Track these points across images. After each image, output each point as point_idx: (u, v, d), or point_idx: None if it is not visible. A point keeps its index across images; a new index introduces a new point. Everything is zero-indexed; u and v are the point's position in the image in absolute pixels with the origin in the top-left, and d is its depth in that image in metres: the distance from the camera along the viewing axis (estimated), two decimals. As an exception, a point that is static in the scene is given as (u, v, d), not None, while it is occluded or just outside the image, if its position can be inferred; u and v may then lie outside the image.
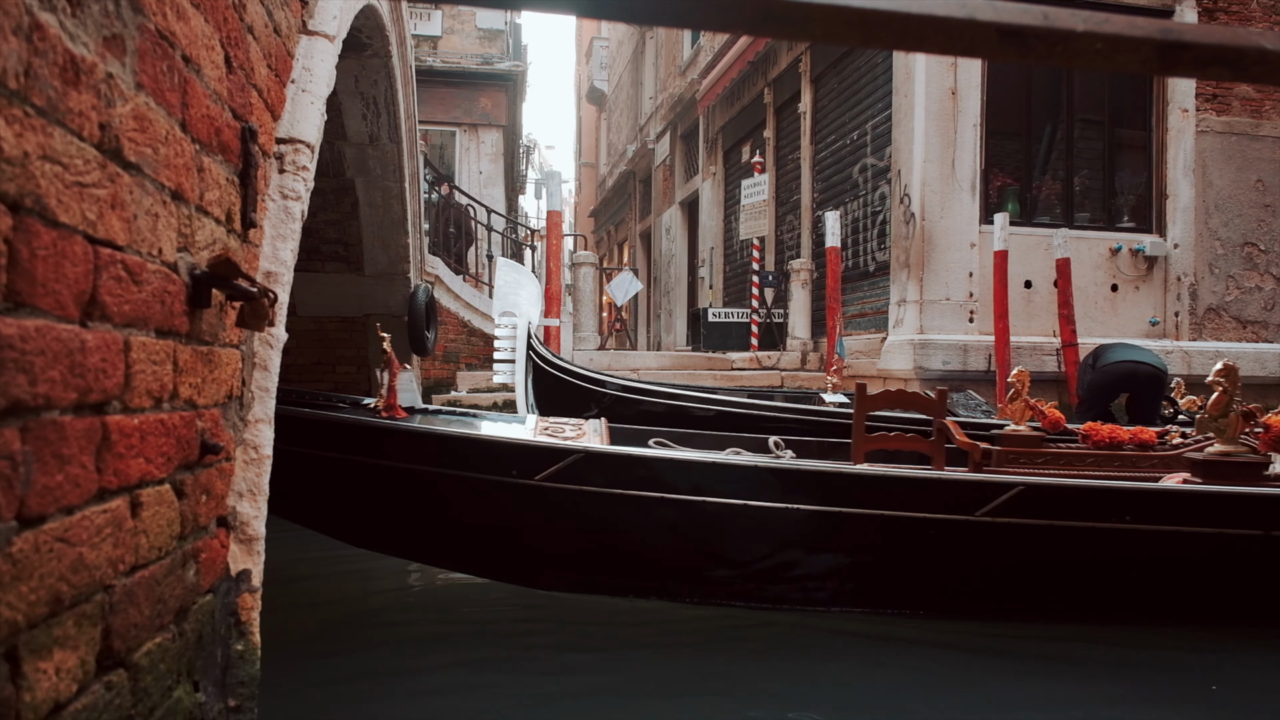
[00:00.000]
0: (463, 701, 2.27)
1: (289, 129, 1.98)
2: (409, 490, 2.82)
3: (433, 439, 2.82)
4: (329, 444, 2.78)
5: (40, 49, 0.90)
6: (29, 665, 0.90)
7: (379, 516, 2.93)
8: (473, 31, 12.99)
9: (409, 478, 2.79)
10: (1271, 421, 3.14)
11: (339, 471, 2.80)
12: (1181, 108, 7.67)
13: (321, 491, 2.88)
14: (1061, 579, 2.91)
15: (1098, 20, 0.62)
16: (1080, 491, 2.82)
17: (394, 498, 2.84)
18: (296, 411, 2.76)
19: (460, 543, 2.98)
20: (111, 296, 1.09)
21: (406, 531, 2.98)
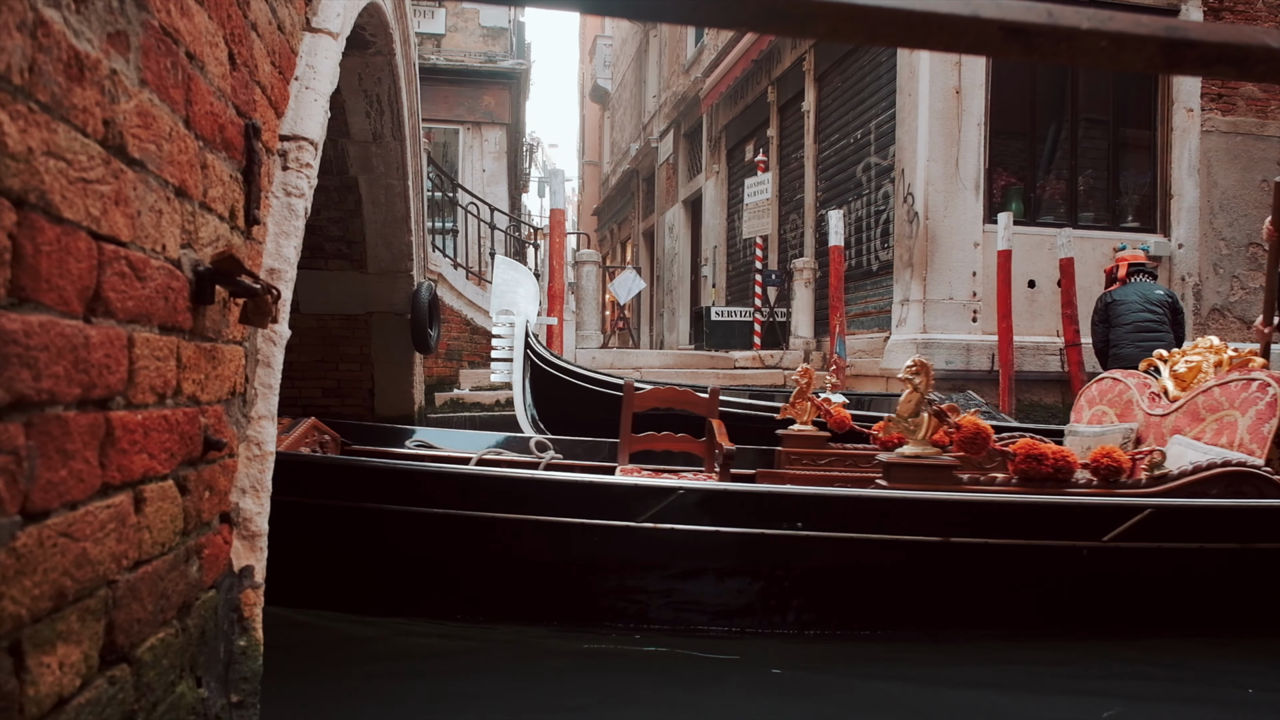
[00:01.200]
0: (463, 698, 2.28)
1: (293, 126, 1.98)
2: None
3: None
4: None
5: (44, 45, 0.90)
6: (32, 659, 0.90)
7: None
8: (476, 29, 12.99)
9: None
10: (965, 422, 2.93)
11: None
12: (1186, 107, 7.66)
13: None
14: (828, 590, 2.68)
15: (1102, 18, 0.61)
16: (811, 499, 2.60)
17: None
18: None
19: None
20: (115, 292, 1.09)
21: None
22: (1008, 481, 2.81)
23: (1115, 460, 2.82)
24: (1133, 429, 3.35)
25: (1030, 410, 6.89)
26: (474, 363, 7.64)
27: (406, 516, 2.52)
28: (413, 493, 2.54)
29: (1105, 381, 3.77)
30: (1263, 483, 2.74)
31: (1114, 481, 2.81)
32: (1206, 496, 2.70)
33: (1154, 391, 3.35)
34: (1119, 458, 2.83)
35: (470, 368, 7.66)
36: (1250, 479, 2.73)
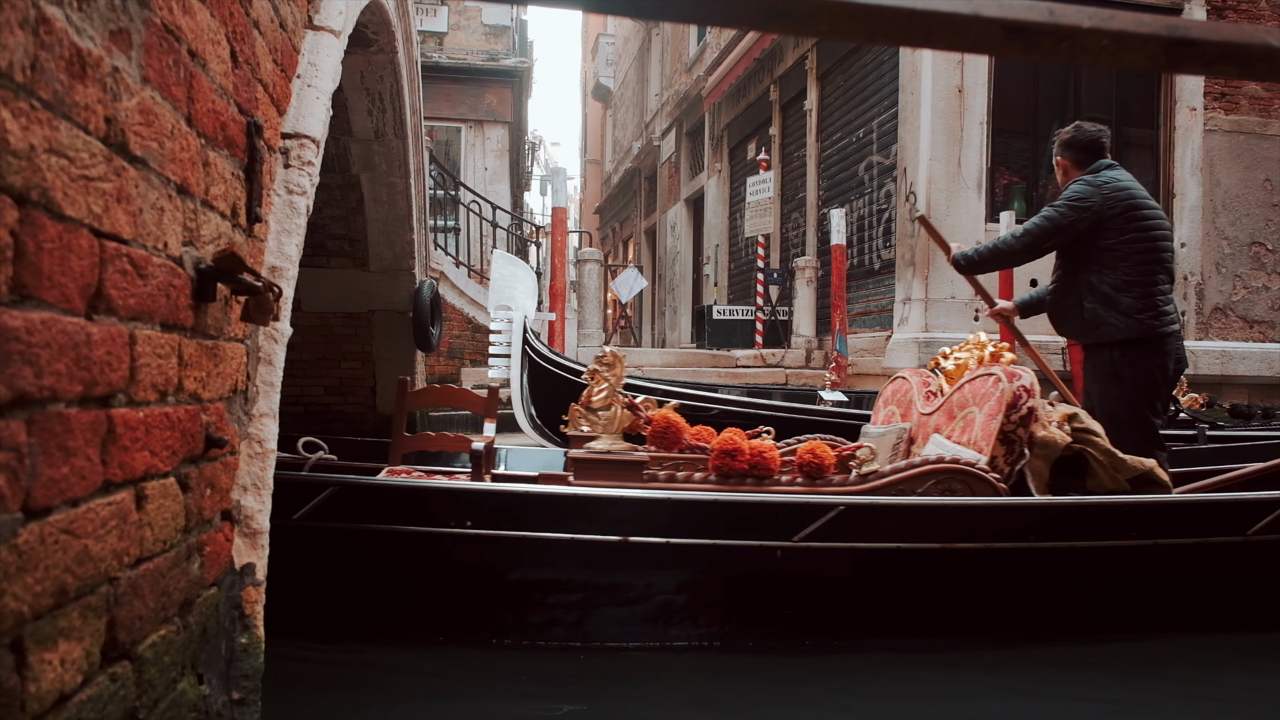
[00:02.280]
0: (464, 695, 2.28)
1: (294, 124, 1.98)
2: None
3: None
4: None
5: (47, 42, 0.91)
6: (34, 656, 0.90)
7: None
8: (479, 28, 12.99)
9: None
10: (657, 416, 2.70)
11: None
12: (1189, 106, 7.64)
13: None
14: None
15: (1104, 17, 0.61)
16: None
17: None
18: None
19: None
20: (117, 290, 1.09)
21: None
22: (705, 479, 2.60)
23: (818, 458, 2.64)
24: (906, 429, 3.20)
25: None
26: (476, 361, 7.65)
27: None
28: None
29: (897, 380, 3.59)
30: (975, 481, 2.59)
31: (817, 479, 2.63)
32: (913, 495, 2.54)
33: (931, 390, 3.21)
34: (822, 455, 2.65)
35: (472, 366, 7.66)
36: (962, 476, 2.59)
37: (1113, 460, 2.73)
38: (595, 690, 2.25)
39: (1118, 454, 2.74)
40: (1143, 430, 3.11)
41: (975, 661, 2.49)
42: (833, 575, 2.49)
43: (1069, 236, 3.16)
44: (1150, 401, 3.16)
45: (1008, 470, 2.70)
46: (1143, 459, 2.77)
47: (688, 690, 2.29)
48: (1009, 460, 2.71)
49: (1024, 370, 2.82)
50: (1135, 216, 3.11)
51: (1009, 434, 2.70)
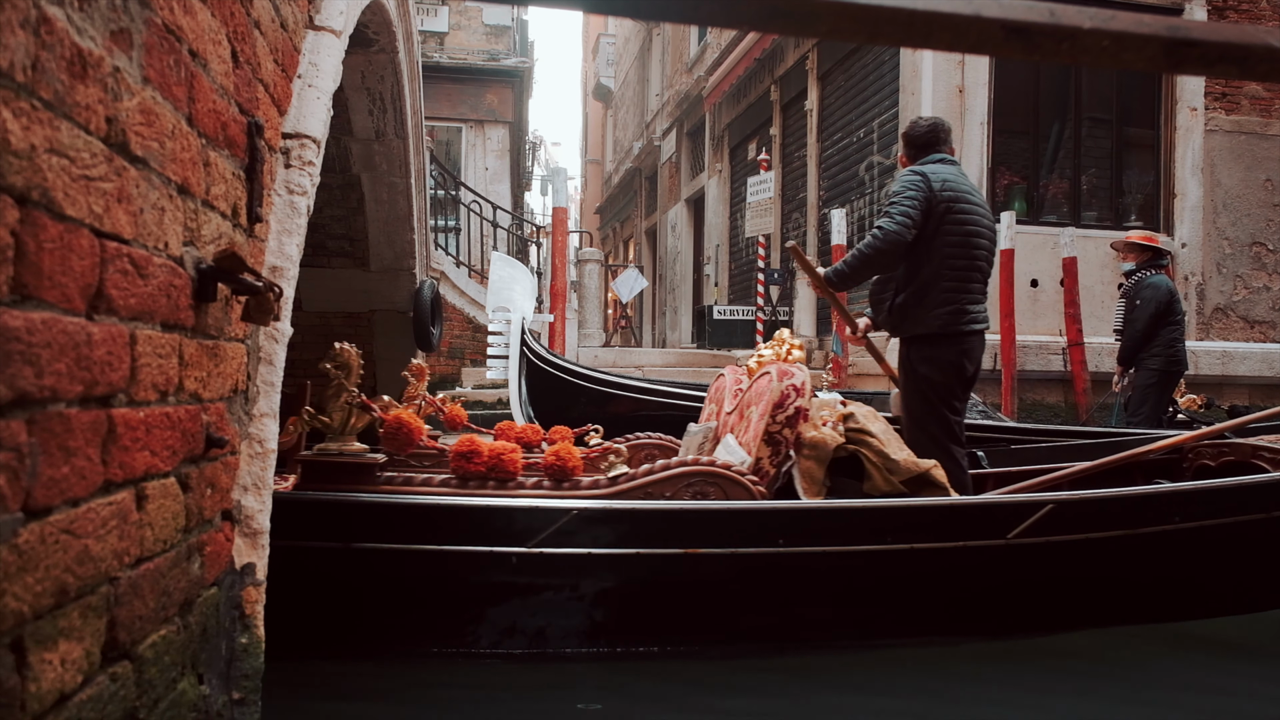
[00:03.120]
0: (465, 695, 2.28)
1: (295, 124, 1.98)
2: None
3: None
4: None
5: (48, 42, 0.91)
6: (34, 656, 0.90)
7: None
8: (479, 28, 12.99)
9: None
10: (389, 416, 2.55)
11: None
12: (1190, 106, 7.64)
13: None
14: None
15: (1105, 17, 0.61)
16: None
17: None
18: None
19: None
20: (118, 290, 1.09)
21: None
22: (446, 482, 2.48)
23: (562, 460, 2.51)
24: (713, 428, 3.11)
25: (1033, 410, 6.89)
26: (476, 361, 7.64)
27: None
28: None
29: (719, 377, 3.48)
30: (728, 484, 2.47)
31: (565, 482, 2.49)
32: (663, 498, 2.43)
33: (740, 388, 3.11)
34: (566, 457, 2.51)
35: (473, 366, 7.66)
36: (714, 480, 2.47)
37: (886, 462, 2.63)
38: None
39: (891, 455, 2.64)
40: (939, 428, 3.03)
41: (704, 670, 2.42)
42: (565, 582, 2.36)
43: (918, 225, 3.03)
44: (946, 399, 3.06)
45: (774, 472, 2.60)
46: (919, 460, 2.67)
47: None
48: (774, 462, 2.60)
49: (797, 369, 2.73)
50: (952, 209, 3.01)
51: (774, 435, 2.60)
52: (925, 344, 3.07)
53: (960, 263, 3.04)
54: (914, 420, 3.08)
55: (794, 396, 2.61)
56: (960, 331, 3.02)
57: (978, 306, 3.08)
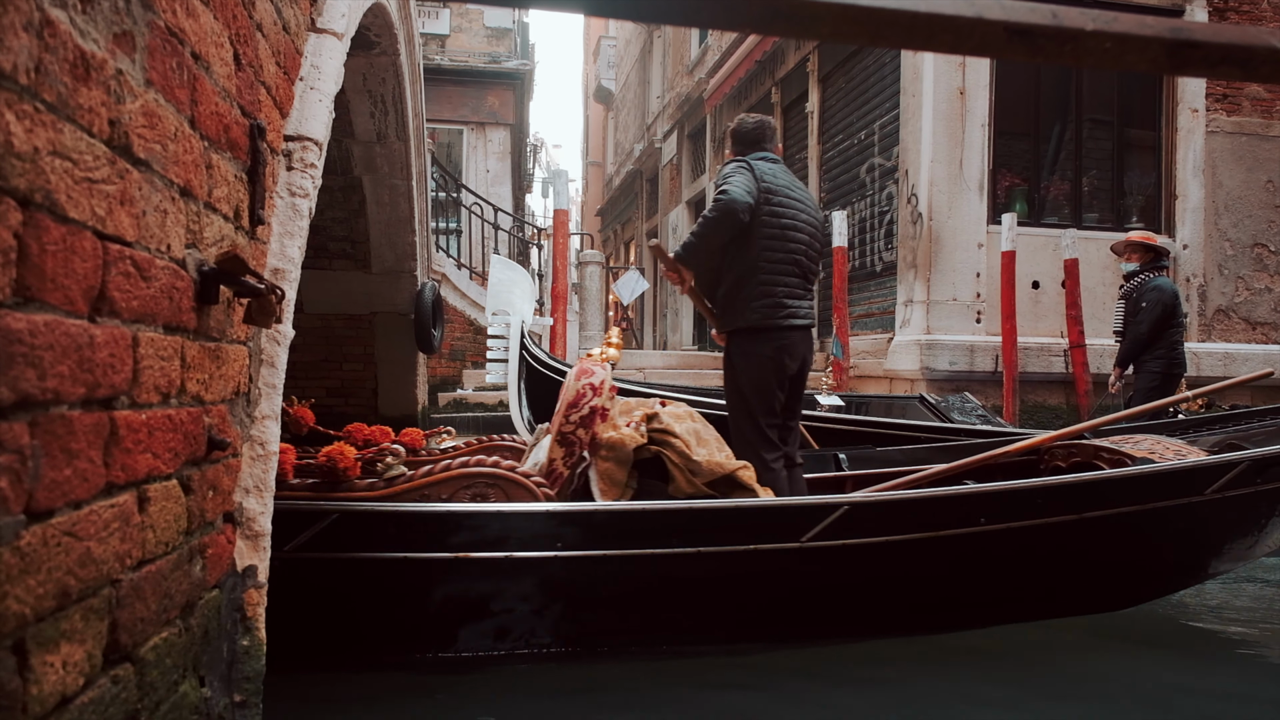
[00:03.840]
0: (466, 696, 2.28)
1: (297, 126, 1.98)
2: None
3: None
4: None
5: (51, 45, 0.91)
6: (36, 658, 0.90)
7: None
8: (481, 30, 13.01)
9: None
10: (322, 456, 2.39)
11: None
12: (1191, 108, 7.64)
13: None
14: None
15: (1107, 19, 0.61)
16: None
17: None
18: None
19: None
20: (120, 292, 1.10)
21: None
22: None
23: (334, 459, 2.34)
24: (544, 428, 3.04)
25: (1034, 412, 6.88)
26: (477, 363, 7.65)
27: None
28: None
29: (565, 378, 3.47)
30: (510, 485, 2.37)
31: (341, 484, 2.35)
32: (441, 500, 2.34)
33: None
34: (339, 458, 2.34)
35: (474, 368, 7.67)
36: (495, 481, 2.37)
37: (688, 463, 2.55)
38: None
39: (692, 457, 2.55)
40: (750, 428, 2.96)
41: (469, 680, 2.32)
42: (327, 587, 2.25)
43: (746, 209, 2.94)
44: (762, 396, 2.96)
45: (567, 474, 2.52)
46: (724, 462, 2.58)
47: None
48: (568, 463, 2.53)
49: (599, 368, 2.66)
50: (769, 201, 2.96)
51: (568, 435, 2.53)
52: (743, 338, 3.00)
53: (777, 256, 2.97)
54: (732, 418, 3.00)
55: (590, 396, 2.54)
56: (778, 326, 2.94)
57: (799, 302, 3.00)
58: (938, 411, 5.15)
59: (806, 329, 3.04)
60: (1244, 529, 2.73)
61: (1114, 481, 2.54)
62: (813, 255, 3.10)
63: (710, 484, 2.55)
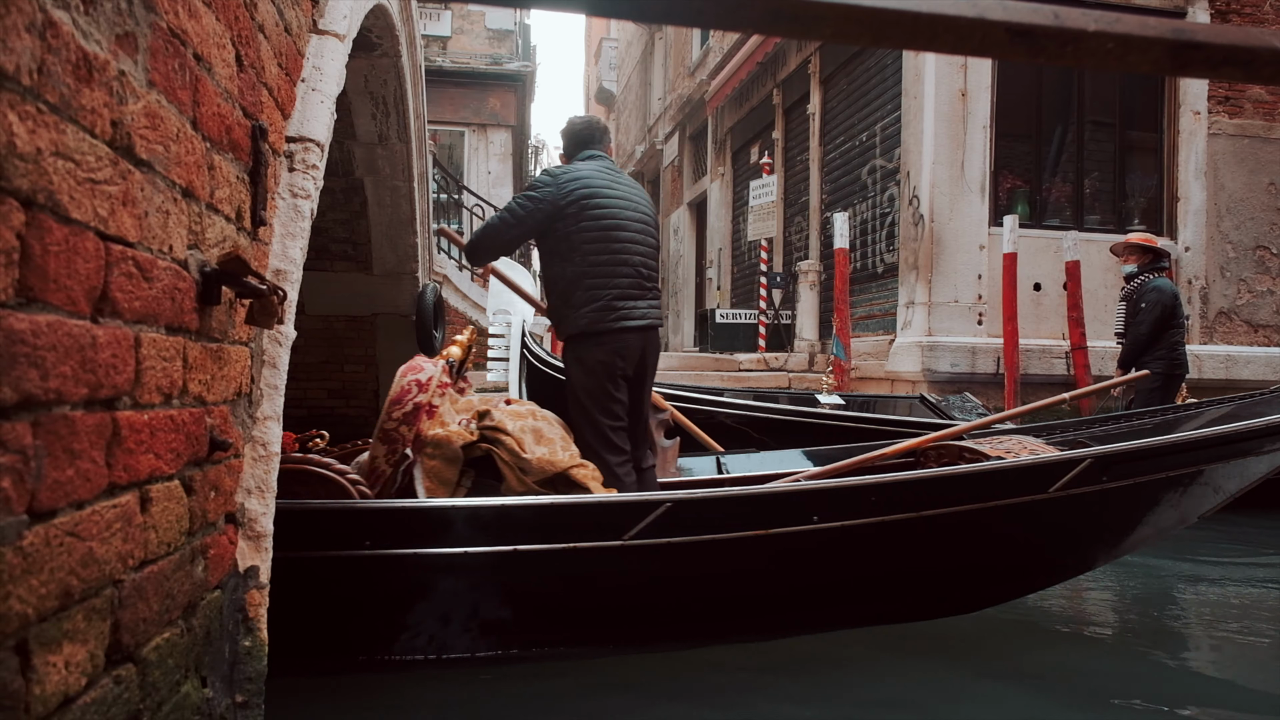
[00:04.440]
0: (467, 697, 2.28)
1: (299, 127, 1.99)
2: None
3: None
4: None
5: (54, 46, 0.91)
6: (38, 658, 0.90)
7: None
8: (482, 32, 13.02)
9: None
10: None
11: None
12: (1193, 110, 7.64)
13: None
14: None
15: (1109, 20, 0.61)
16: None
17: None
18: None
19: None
20: (122, 293, 1.10)
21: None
22: None
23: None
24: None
25: (1036, 413, 6.87)
26: (479, 364, 7.64)
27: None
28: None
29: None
30: (319, 482, 2.26)
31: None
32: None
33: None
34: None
35: (475, 369, 7.66)
36: (303, 478, 2.22)
37: (518, 461, 2.48)
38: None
39: (522, 455, 2.49)
40: (591, 432, 2.89)
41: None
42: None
43: (530, 227, 2.95)
44: (600, 401, 2.90)
45: (389, 471, 2.44)
46: (555, 460, 2.51)
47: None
48: (390, 461, 2.44)
49: (429, 364, 2.60)
50: (587, 206, 2.89)
51: (390, 433, 2.45)
52: (575, 343, 2.95)
53: (602, 259, 2.90)
54: (573, 422, 2.96)
55: (415, 392, 2.47)
56: (609, 329, 2.87)
57: (631, 303, 2.92)
58: (938, 410, 5.16)
59: (643, 329, 2.94)
60: (1095, 528, 2.67)
61: (948, 479, 2.46)
62: (646, 252, 2.99)
63: (547, 483, 2.48)
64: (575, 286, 2.92)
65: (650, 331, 2.98)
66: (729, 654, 2.52)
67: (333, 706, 2.23)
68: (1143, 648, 2.85)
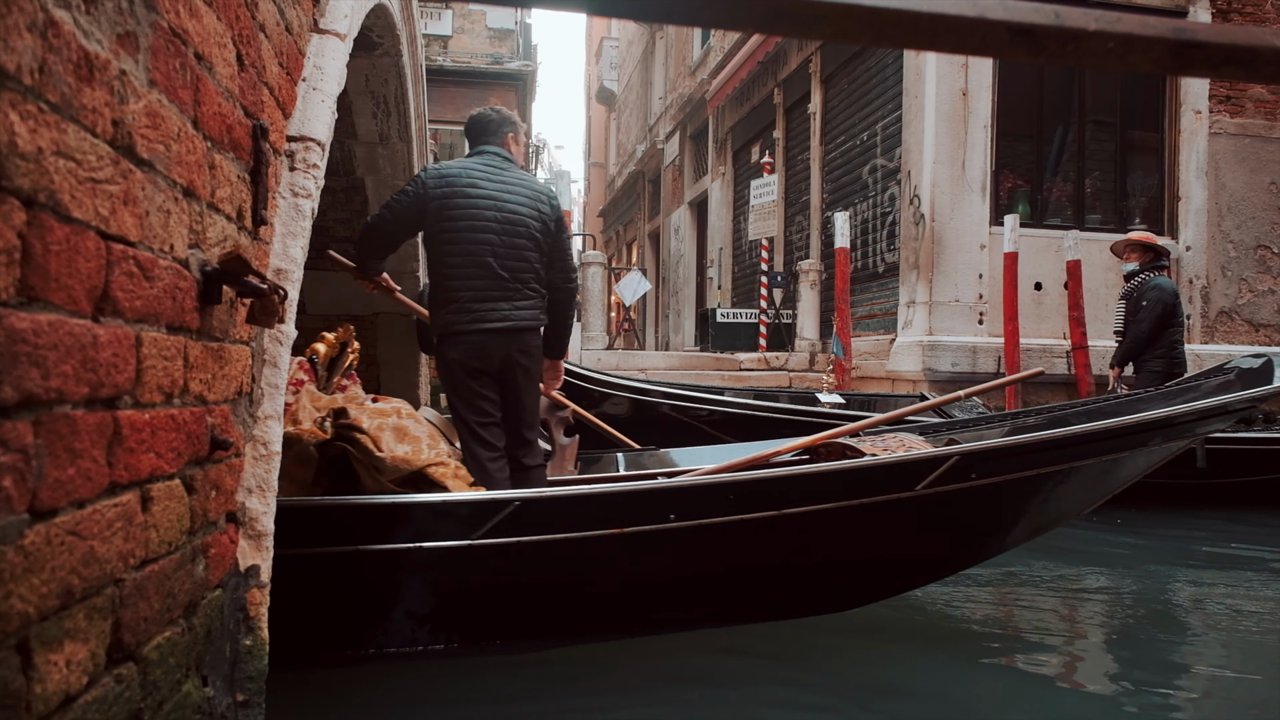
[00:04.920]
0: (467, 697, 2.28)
1: (300, 127, 1.99)
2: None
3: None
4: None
5: (55, 45, 0.91)
6: (40, 657, 0.90)
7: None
8: (483, 31, 13.03)
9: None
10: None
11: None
12: (1194, 109, 7.63)
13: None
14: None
15: (1110, 19, 0.61)
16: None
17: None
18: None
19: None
20: (123, 292, 1.10)
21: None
22: None
23: None
24: None
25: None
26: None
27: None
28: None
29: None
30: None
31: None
32: None
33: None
34: None
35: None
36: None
37: (372, 460, 2.44)
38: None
39: (376, 454, 2.45)
40: (461, 428, 2.88)
41: None
42: None
43: (403, 225, 2.92)
44: (466, 401, 2.87)
45: None
46: (411, 458, 2.47)
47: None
48: None
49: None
50: (447, 206, 2.85)
51: None
52: (440, 343, 2.93)
53: (459, 260, 2.85)
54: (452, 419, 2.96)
55: None
56: (464, 330, 2.83)
57: (489, 305, 2.85)
58: (938, 410, 5.15)
59: (500, 331, 2.86)
60: (966, 525, 2.63)
61: (807, 477, 2.42)
62: (511, 253, 2.89)
63: (407, 482, 2.44)
64: (437, 288, 2.91)
65: (514, 334, 2.88)
66: (594, 654, 2.48)
67: (332, 707, 2.23)
68: (1001, 650, 2.80)
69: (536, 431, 3.08)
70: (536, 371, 3.00)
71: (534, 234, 2.94)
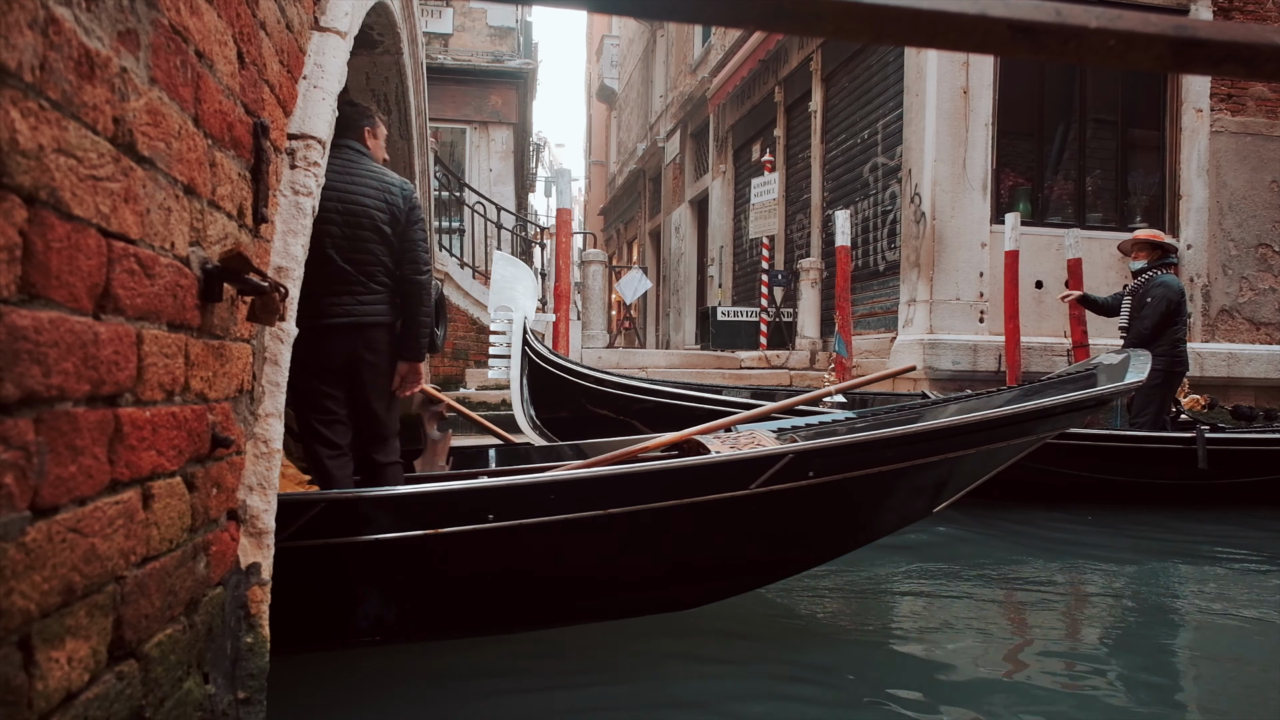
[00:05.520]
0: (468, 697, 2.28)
1: (300, 125, 1.99)
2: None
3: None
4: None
5: (56, 43, 0.91)
6: (41, 654, 0.90)
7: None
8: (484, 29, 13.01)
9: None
10: None
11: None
12: (1196, 107, 7.62)
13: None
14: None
15: (1111, 16, 0.61)
16: None
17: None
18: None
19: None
20: (124, 289, 1.10)
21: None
22: None
23: None
24: None
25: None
26: (480, 362, 7.64)
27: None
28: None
29: None
30: None
31: None
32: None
33: None
34: None
35: (477, 367, 7.67)
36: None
37: None
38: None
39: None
40: (301, 425, 2.84)
41: None
42: None
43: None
44: (304, 396, 2.81)
45: None
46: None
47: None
48: None
49: None
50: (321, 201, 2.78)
51: None
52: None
53: (311, 256, 2.81)
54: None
55: None
56: (311, 327, 2.73)
57: (332, 299, 2.77)
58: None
59: (343, 327, 2.78)
60: (807, 523, 2.57)
61: (635, 476, 2.37)
62: (355, 246, 2.80)
63: None
64: (304, 285, 2.88)
65: (358, 330, 2.80)
66: (430, 657, 2.44)
67: (333, 706, 2.23)
68: (867, 641, 2.78)
69: (393, 428, 3.00)
70: (385, 369, 2.91)
71: (380, 225, 2.85)
